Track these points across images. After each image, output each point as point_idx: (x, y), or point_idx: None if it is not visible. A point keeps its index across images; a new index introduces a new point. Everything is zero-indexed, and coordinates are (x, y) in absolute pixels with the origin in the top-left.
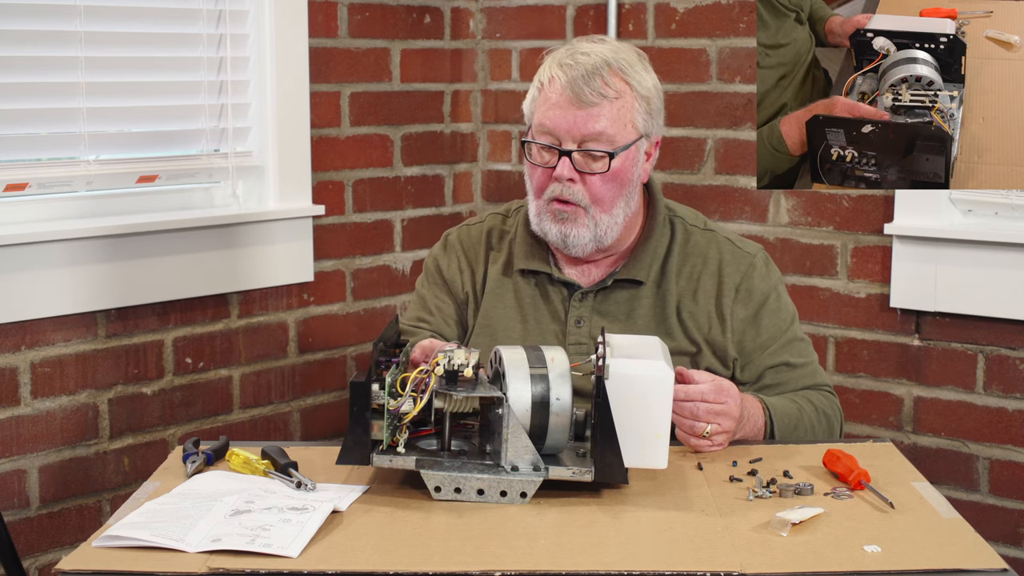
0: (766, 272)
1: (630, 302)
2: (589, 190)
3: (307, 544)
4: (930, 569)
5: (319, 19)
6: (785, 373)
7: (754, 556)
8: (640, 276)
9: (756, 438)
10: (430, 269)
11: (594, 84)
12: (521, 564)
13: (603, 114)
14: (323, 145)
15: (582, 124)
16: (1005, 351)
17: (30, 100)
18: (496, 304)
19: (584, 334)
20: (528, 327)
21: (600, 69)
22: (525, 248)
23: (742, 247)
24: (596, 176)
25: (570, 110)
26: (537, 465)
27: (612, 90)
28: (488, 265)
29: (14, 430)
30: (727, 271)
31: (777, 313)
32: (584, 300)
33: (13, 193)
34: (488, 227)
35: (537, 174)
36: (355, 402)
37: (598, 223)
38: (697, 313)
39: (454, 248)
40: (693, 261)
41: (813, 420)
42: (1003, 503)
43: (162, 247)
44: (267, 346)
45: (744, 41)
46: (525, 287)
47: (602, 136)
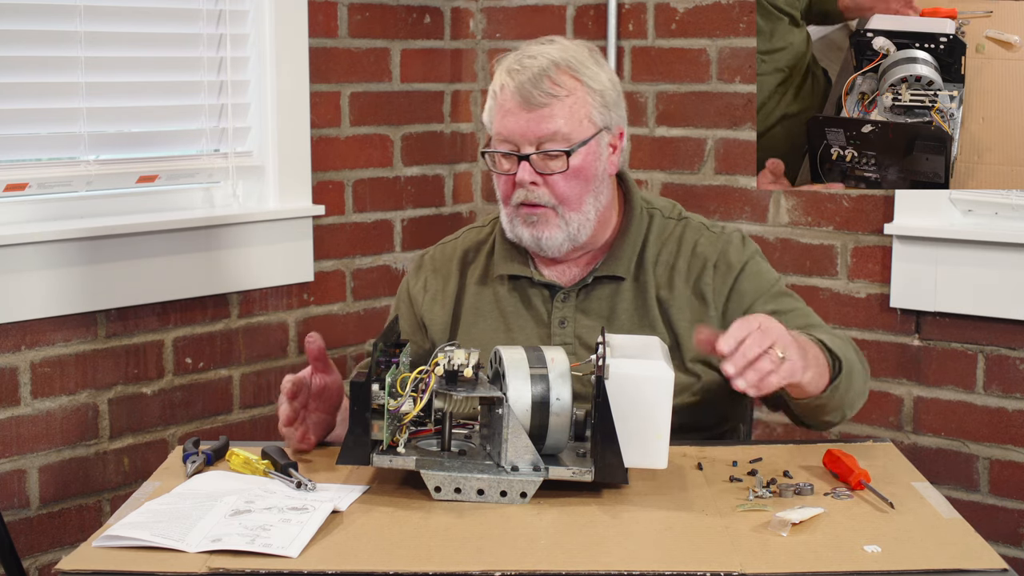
0: (742, 247)
1: (612, 298)
2: (553, 190)
3: (307, 544)
4: (930, 569)
5: (319, 19)
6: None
7: (754, 556)
8: (620, 272)
9: (825, 369)
10: (401, 290)
11: (542, 86)
12: (521, 564)
13: (555, 113)
14: (323, 145)
15: (535, 126)
16: (1005, 351)
17: (30, 100)
18: (476, 320)
19: (569, 334)
20: (513, 336)
21: (547, 70)
22: (503, 254)
23: (716, 230)
24: (558, 176)
25: (522, 114)
26: (537, 465)
27: (562, 89)
28: (466, 281)
29: (14, 430)
30: (702, 251)
31: (758, 276)
32: (566, 300)
33: (13, 193)
34: (464, 244)
35: (502, 182)
36: (355, 402)
37: (569, 222)
38: (676, 301)
39: (424, 268)
40: (669, 249)
41: (843, 347)
42: (1003, 503)
43: (162, 247)
44: (267, 346)
45: (744, 41)
46: (506, 295)
47: (557, 135)
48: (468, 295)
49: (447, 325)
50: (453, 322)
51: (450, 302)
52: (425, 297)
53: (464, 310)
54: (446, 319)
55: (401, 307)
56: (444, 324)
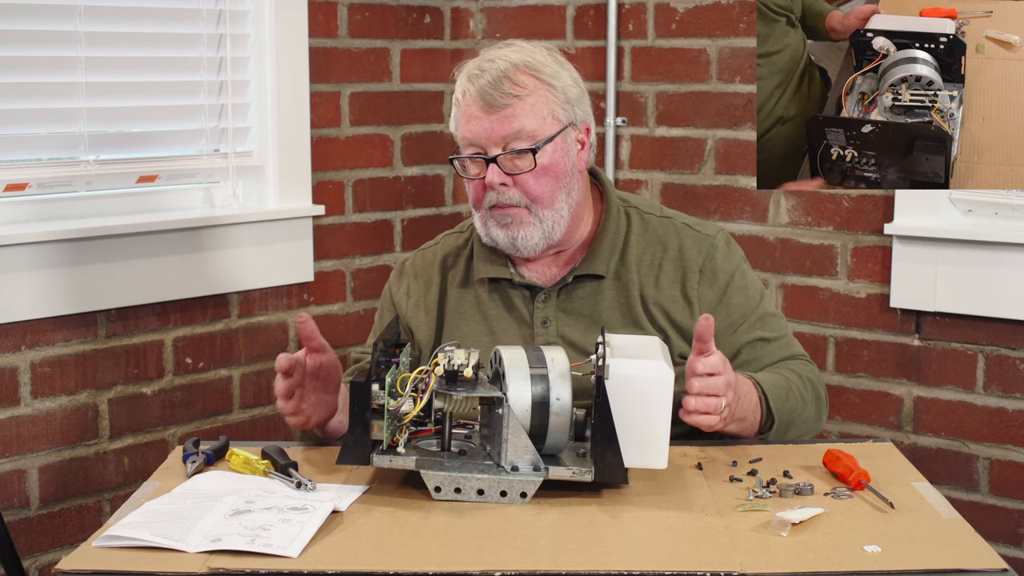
0: (728, 252)
1: (593, 297)
2: (524, 190)
3: (307, 544)
4: (930, 569)
5: (319, 19)
6: (761, 348)
7: (754, 556)
8: (600, 270)
9: (754, 416)
10: (384, 296)
11: (503, 87)
12: (521, 564)
13: (517, 113)
14: (323, 145)
15: (499, 127)
16: (1005, 351)
17: (30, 100)
18: (460, 324)
19: (552, 333)
20: (497, 339)
21: (507, 72)
22: (482, 258)
23: (701, 230)
24: (527, 175)
25: (485, 117)
26: (537, 465)
27: (523, 88)
28: (447, 285)
29: (14, 430)
30: (689, 254)
31: (745, 290)
32: (548, 300)
33: (13, 193)
34: (444, 249)
35: (472, 187)
36: (355, 402)
37: (543, 220)
38: (661, 299)
39: (406, 274)
40: (653, 249)
41: (801, 388)
42: (1003, 503)
43: (162, 247)
44: (267, 346)
45: (744, 41)
46: (487, 298)
47: (521, 134)
48: (450, 300)
49: (431, 331)
50: (437, 327)
51: (433, 307)
52: (409, 303)
53: (447, 314)
54: (430, 325)
55: (385, 315)
56: (428, 329)
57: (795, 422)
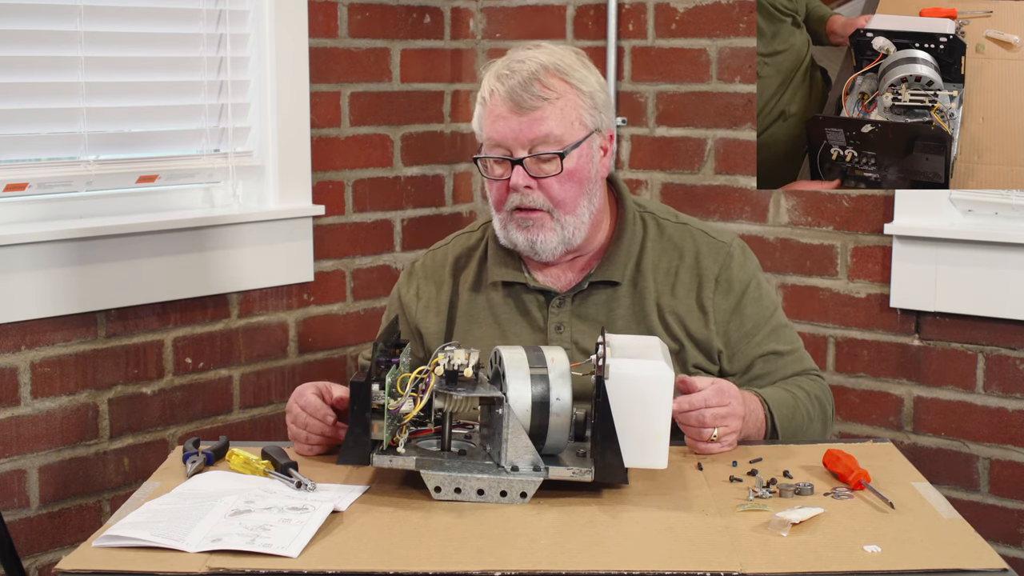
0: (744, 261)
1: (608, 303)
2: (548, 194)
3: (307, 544)
4: (930, 569)
5: (319, 19)
6: (774, 362)
7: (754, 556)
8: (616, 277)
9: (759, 433)
10: (392, 297)
11: (532, 89)
12: (521, 564)
13: (546, 116)
14: (323, 145)
15: (527, 129)
16: (1005, 351)
17: (30, 100)
18: (471, 327)
19: (566, 339)
20: (509, 343)
21: (537, 74)
22: (497, 260)
23: (717, 237)
24: (552, 179)
25: (513, 118)
26: (537, 465)
27: (552, 92)
28: (458, 287)
29: (14, 430)
30: (705, 263)
31: (759, 301)
32: (562, 305)
33: (13, 193)
34: (455, 250)
35: (495, 188)
36: (355, 402)
37: (564, 225)
38: (677, 308)
39: (416, 275)
40: (669, 256)
41: (808, 406)
42: (1003, 503)
43: (162, 247)
44: (267, 346)
45: (744, 41)
46: (500, 302)
47: (549, 138)
48: (462, 302)
49: (441, 332)
50: (447, 329)
51: (444, 309)
52: (418, 304)
53: (458, 317)
54: (440, 326)
55: (393, 316)
56: (438, 331)
57: (798, 439)
